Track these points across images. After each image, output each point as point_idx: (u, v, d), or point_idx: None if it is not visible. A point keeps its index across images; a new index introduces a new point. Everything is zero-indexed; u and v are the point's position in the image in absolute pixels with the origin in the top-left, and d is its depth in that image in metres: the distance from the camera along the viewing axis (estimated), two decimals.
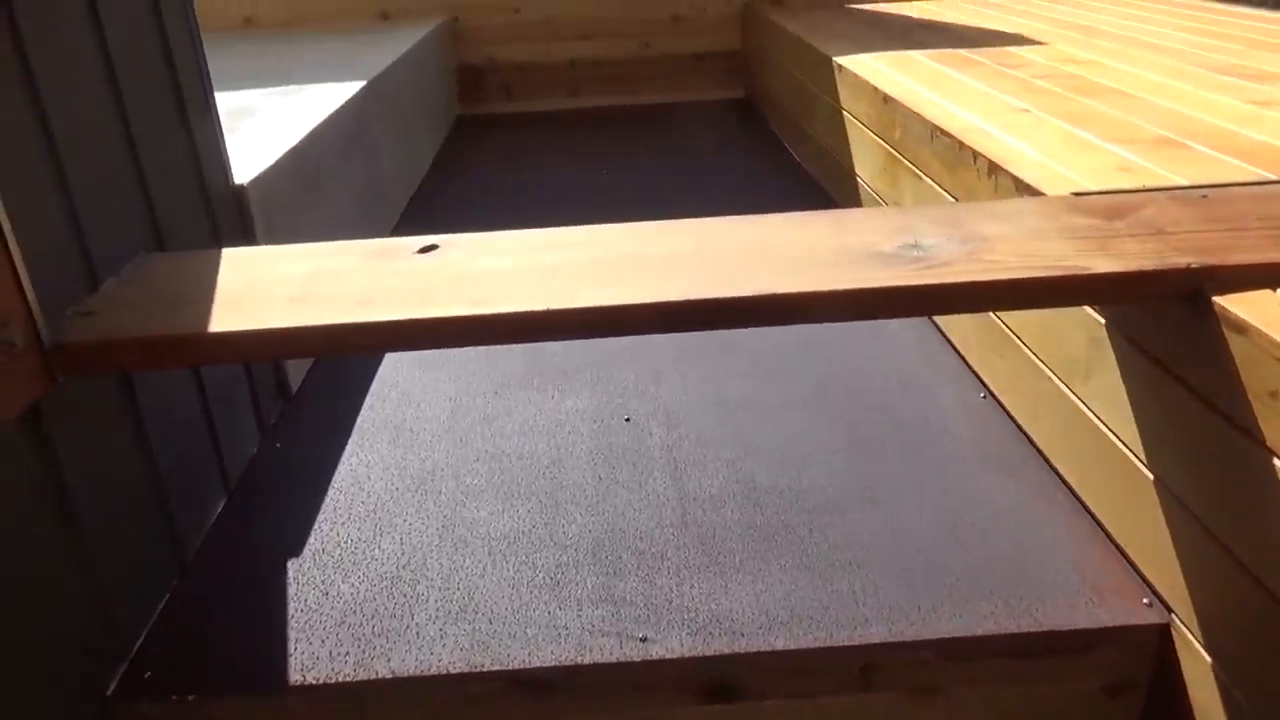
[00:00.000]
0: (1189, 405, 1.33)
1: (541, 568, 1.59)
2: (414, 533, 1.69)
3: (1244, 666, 1.26)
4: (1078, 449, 1.68)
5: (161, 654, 1.44)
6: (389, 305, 1.30)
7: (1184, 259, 1.32)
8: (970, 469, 1.80)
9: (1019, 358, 1.88)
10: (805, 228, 1.54)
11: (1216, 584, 1.30)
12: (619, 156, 4.26)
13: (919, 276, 1.32)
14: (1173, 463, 1.39)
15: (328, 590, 1.56)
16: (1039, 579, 1.51)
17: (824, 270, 1.35)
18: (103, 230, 1.45)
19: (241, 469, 1.89)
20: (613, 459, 1.88)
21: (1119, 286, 1.31)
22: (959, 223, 1.51)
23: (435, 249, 1.51)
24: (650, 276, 1.36)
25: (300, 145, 2.34)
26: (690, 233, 1.52)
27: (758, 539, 1.63)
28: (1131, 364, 1.49)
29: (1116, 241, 1.40)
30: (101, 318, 1.33)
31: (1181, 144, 1.99)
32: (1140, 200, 1.57)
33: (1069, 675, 1.44)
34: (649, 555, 1.61)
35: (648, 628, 1.45)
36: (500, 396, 2.15)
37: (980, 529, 1.63)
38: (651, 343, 2.35)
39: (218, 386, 1.79)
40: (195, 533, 1.68)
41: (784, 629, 1.43)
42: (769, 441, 1.91)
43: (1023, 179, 1.82)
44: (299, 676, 1.39)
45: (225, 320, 1.29)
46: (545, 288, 1.33)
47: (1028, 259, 1.35)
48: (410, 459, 1.92)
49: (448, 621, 1.48)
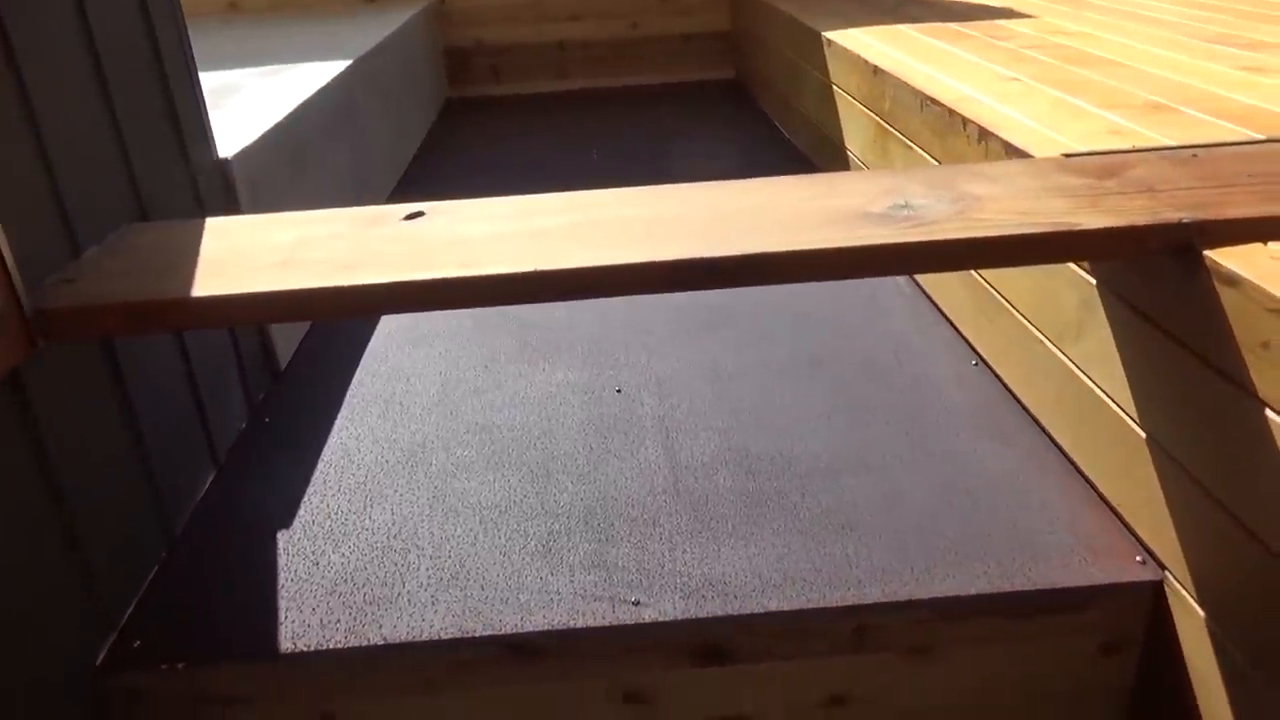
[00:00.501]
0: (1181, 361, 1.33)
1: (533, 535, 1.58)
2: (404, 503, 1.68)
3: (1238, 620, 1.26)
4: (1070, 412, 1.68)
5: (150, 624, 1.43)
6: (376, 269, 1.29)
7: (1175, 214, 1.31)
8: (962, 435, 1.80)
9: (1011, 323, 1.88)
10: (795, 190, 1.53)
11: (1210, 539, 1.30)
12: (608, 138, 4.24)
13: (908, 235, 1.31)
14: (1165, 420, 1.39)
15: (318, 560, 1.55)
16: (1032, 540, 1.51)
17: (814, 230, 1.34)
18: (84, 200, 1.43)
19: (230, 443, 1.88)
20: (604, 429, 1.87)
21: (1110, 242, 1.30)
22: (949, 183, 1.50)
23: (422, 215, 1.49)
24: (640, 238, 1.34)
25: (285, 121, 2.32)
26: (679, 197, 1.51)
27: (750, 505, 1.63)
28: (1123, 323, 1.49)
29: (1108, 199, 1.39)
30: (83, 285, 1.31)
31: (1172, 109, 1.98)
32: (1131, 160, 1.57)
33: (1063, 634, 1.44)
34: (641, 522, 1.60)
35: (640, 592, 1.44)
36: (490, 370, 2.13)
37: (973, 493, 1.63)
38: (643, 316, 2.34)
39: (204, 362, 1.77)
40: (183, 505, 1.67)
41: (777, 591, 1.43)
42: (761, 410, 1.91)
43: (1013, 143, 1.81)
44: (290, 645, 1.38)
45: (210, 285, 1.27)
46: (534, 250, 1.32)
47: (1018, 217, 1.34)
48: (400, 431, 1.91)
49: (439, 589, 1.47)
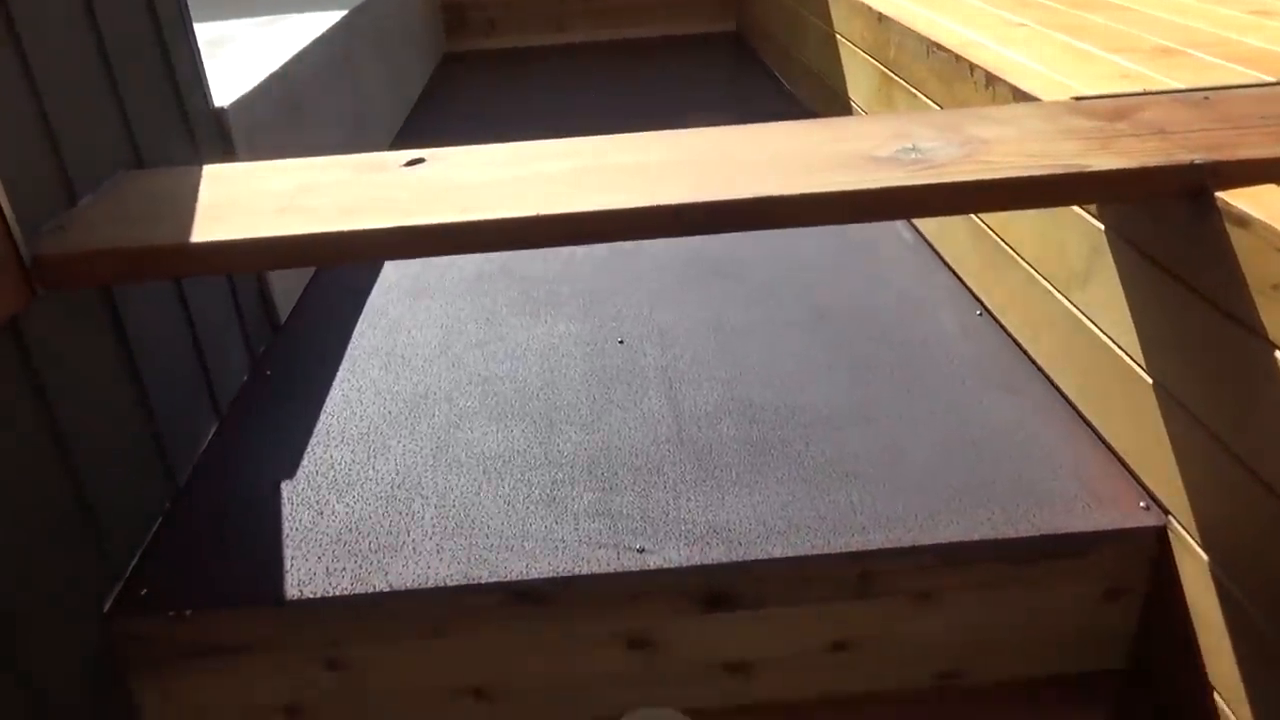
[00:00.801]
0: (1190, 305, 1.32)
1: (537, 484, 1.58)
2: (408, 454, 1.68)
3: (1242, 563, 1.26)
4: (1077, 360, 1.67)
5: (157, 572, 1.43)
6: (377, 214, 1.27)
7: (1188, 155, 1.29)
8: (967, 385, 1.79)
9: (1018, 273, 1.86)
10: (799, 135, 1.51)
11: (1215, 483, 1.30)
12: (607, 91, 4.18)
13: (916, 177, 1.29)
14: (1172, 365, 1.38)
15: (322, 510, 1.55)
16: (1036, 487, 1.51)
17: (819, 174, 1.32)
18: (79, 147, 1.41)
19: (231, 395, 1.87)
20: (607, 379, 1.87)
21: (1122, 184, 1.29)
22: (957, 127, 1.47)
23: (422, 162, 1.47)
24: (644, 182, 1.32)
25: (281, 71, 2.28)
26: (682, 142, 1.49)
27: (754, 454, 1.63)
28: (1131, 268, 1.47)
29: (1119, 141, 1.37)
30: (80, 232, 1.30)
31: (1182, 52, 1.95)
32: (1142, 102, 1.54)
33: (1067, 579, 1.45)
34: (645, 471, 1.60)
35: (645, 539, 1.45)
36: (491, 323, 2.12)
37: (977, 442, 1.63)
38: (643, 269, 2.32)
39: (204, 314, 1.76)
40: (186, 457, 1.66)
41: (781, 538, 1.43)
42: (765, 362, 1.90)
43: (1021, 88, 1.78)
44: (296, 591, 1.38)
45: (209, 231, 1.25)
46: (536, 194, 1.30)
47: (1028, 159, 1.32)
48: (402, 383, 1.90)
49: (444, 537, 1.47)
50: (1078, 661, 1.52)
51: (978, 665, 1.51)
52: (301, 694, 1.45)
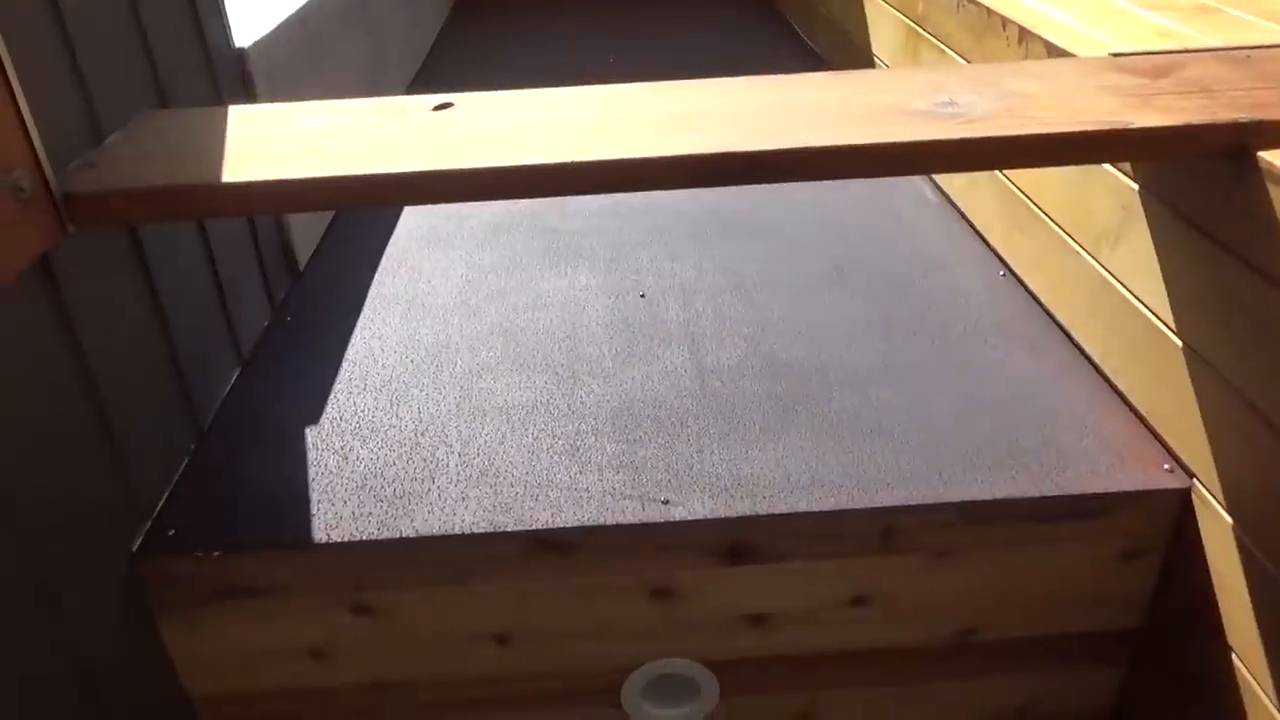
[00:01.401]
0: (1226, 266, 1.31)
1: (561, 435, 1.58)
2: (431, 403, 1.68)
3: (1270, 529, 1.27)
4: (1103, 321, 1.66)
5: (184, 513, 1.44)
6: (406, 158, 1.25)
7: (1232, 114, 1.27)
8: (991, 344, 1.78)
9: (1044, 232, 1.85)
10: (835, 86, 1.48)
11: (1244, 446, 1.30)
12: (625, 42, 4.12)
13: (957, 130, 1.27)
14: (1204, 327, 1.37)
15: (347, 455, 1.56)
16: (1059, 447, 1.51)
17: (858, 125, 1.30)
18: (106, 83, 1.39)
19: (253, 341, 1.87)
20: (629, 332, 1.86)
21: (1165, 142, 1.27)
22: (995, 81, 1.45)
23: (450, 106, 1.45)
24: (678, 132, 1.31)
25: (301, 12, 2.24)
26: (717, 91, 1.46)
27: (778, 409, 1.63)
28: (1166, 228, 1.46)
29: (1161, 98, 1.35)
30: (108, 170, 1.28)
31: (1219, 10, 1.91)
32: (1183, 60, 1.51)
33: (1086, 539, 1.45)
34: (668, 423, 1.60)
35: (669, 491, 1.45)
36: (511, 273, 2.11)
37: (1001, 401, 1.63)
38: (666, 225, 2.30)
39: (226, 257, 1.75)
40: (210, 400, 1.67)
41: (805, 493, 1.44)
42: (788, 318, 1.89)
43: (1055, 44, 1.75)
44: (324, 535, 1.39)
45: (240, 171, 1.24)
46: (568, 142, 1.28)
47: (1069, 114, 1.30)
48: (423, 332, 1.90)
49: (469, 485, 1.48)
50: (1095, 620, 1.54)
51: (996, 622, 1.53)
52: (326, 636, 1.47)
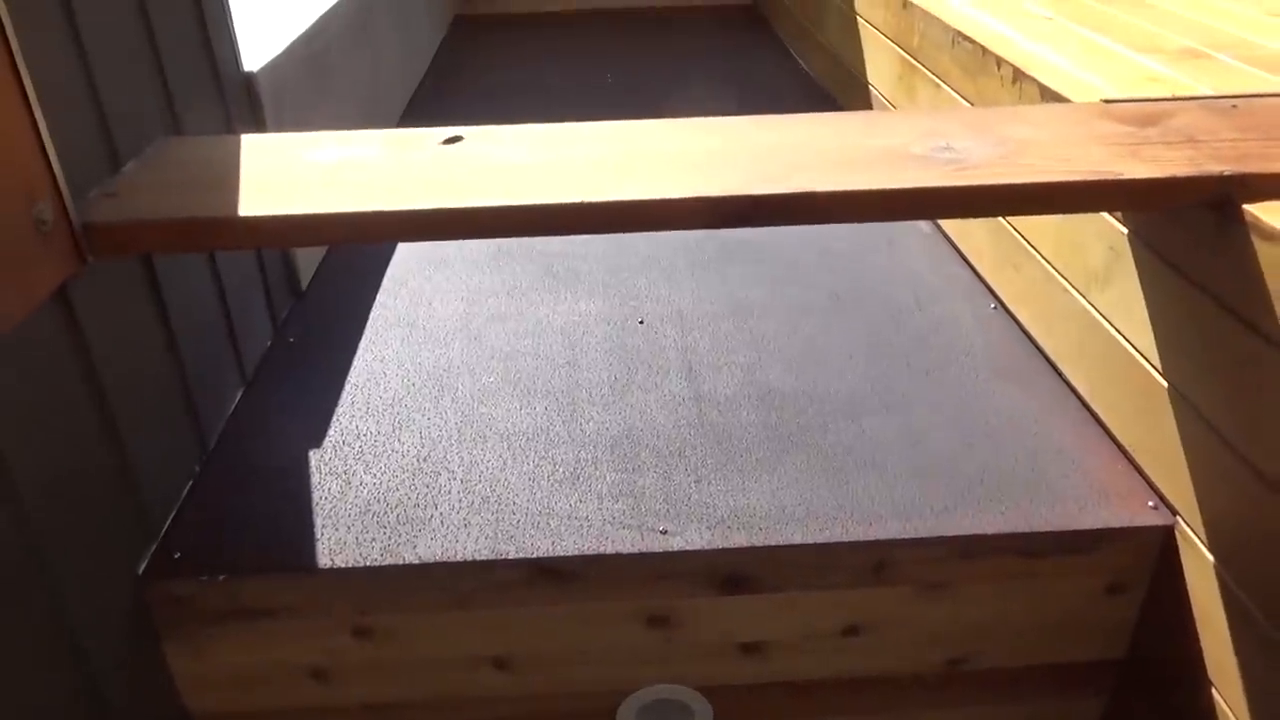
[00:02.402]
0: (1210, 313, 1.35)
1: (561, 463, 1.61)
2: (433, 427, 1.71)
3: (1249, 567, 1.31)
4: (1091, 359, 1.70)
5: (189, 536, 1.47)
6: (419, 194, 1.29)
7: (1217, 166, 1.32)
8: (982, 378, 1.83)
9: (1035, 269, 1.89)
10: (834, 128, 1.52)
11: (1226, 487, 1.34)
12: (622, 62, 4.17)
13: (954, 178, 1.31)
14: (1188, 369, 1.42)
15: (350, 480, 1.59)
16: (1048, 483, 1.55)
17: (859, 170, 1.35)
18: (123, 111, 1.42)
19: (256, 362, 1.89)
20: (628, 360, 1.90)
21: (1152, 192, 1.31)
22: (990, 126, 1.49)
23: (460, 140, 1.48)
24: (685, 172, 1.34)
25: (308, 33, 2.27)
26: (719, 130, 1.50)
27: (774, 439, 1.66)
28: (1152, 273, 1.50)
29: (1149, 148, 1.40)
30: (127, 200, 1.31)
31: (1208, 55, 1.97)
32: (1171, 109, 1.56)
33: (1072, 573, 1.49)
34: (667, 453, 1.63)
35: (667, 521, 1.48)
36: (512, 297, 2.14)
37: (992, 435, 1.67)
38: (664, 250, 2.34)
39: (232, 277, 1.78)
40: (215, 421, 1.69)
41: (800, 525, 1.47)
42: (784, 347, 1.93)
43: (1049, 86, 1.80)
44: (328, 560, 1.42)
45: (254, 205, 1.27)
46: (577, 180, 1.32)
47: (1061, 163, 1.35)
48: (424, 356, 1.92)
49: (471, 512, 1.51)
50: (1080, 651, 1.58)
51: (985, 652, 1.57)
52: (328, 660, 1.49)
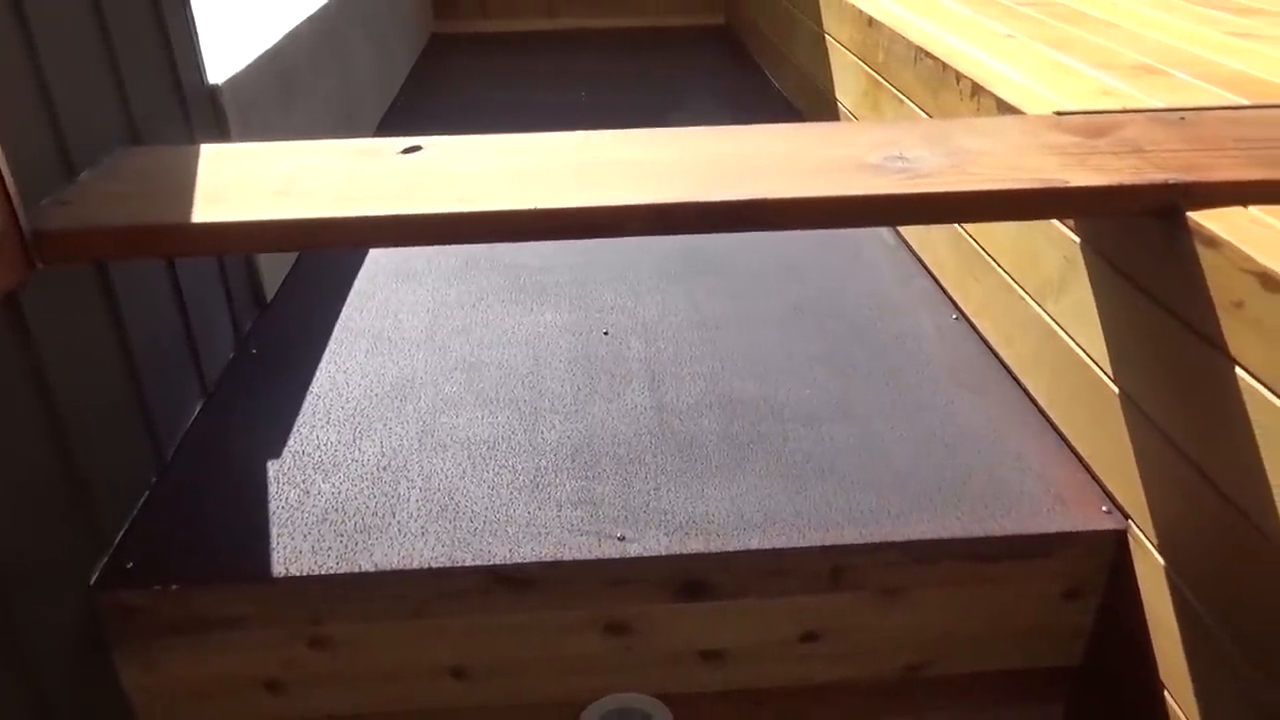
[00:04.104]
0: (1158, 319, 1.37)
1: (521, 471, 1.61)
2: (393, 436, 1.71)
3: (1197, 568, 1.32)
4: (1047, 367, 1.72)
5: (143, 546, 1.45)
6: (375, 201, 1.29)
7: (1162, 175, 1.34)
8: (942, 387, 1.84)
9: (994, 280, 1.92)
10: (791, 138, 1.54)
11: (1174, 490, 1.36)
12: (597, 79, 4.20)
13: (904, 185, 1.33)
14: (1139, 376, 1.44)
15: (308, 489, 1.58)
16: (1004, 489, 1.56)
17: (812, 177, 1.36)
18: (79, 120, 1.42)
19: (218, 373, 1.88)
20: (591, 370, 1.90)
21: (1098, 200, 1.33)
22: (943, 137, 1.51)
23: (419, 149, 1.49)
24: (639, 180, 1.36)
25: (275, 48, 2.28)
26: (677, 140, 1.52)
27: (734, 447, 1.67)
28: (1104, 281, 1.52)
29: (1097, 158, 1.42)
30: (80, 207, 1.31)
31: (1162, 71, 2.00)
32: (1121, 120, 1.59)
33: (1029, 578, 1.50)
34: (627, 461, 1.64)
35: (625, 527, 1.48)
36: (478, 309, 2.15)
37: (949, 443, 1.68)
38: (631, 263, 2.35)
39: (193, 289, 1.77)
40: (173, 432, 1.68)
41: (758, 531, 1.48)
42: (746, 357, 1.94)
43: (1005, 100, 1.83)
44: (282, 568, 1.41)
45: (209, 211, 1.27)
46: (533, 188, 1.33)
47: (1010, 172, 1.37)
48: (388, 366, 1.92)
49: (429, 519, 1.50)
50: (1036, 657, 1.58)
51: (942, 658, 1.57)
52: (283, 670, 1.48)
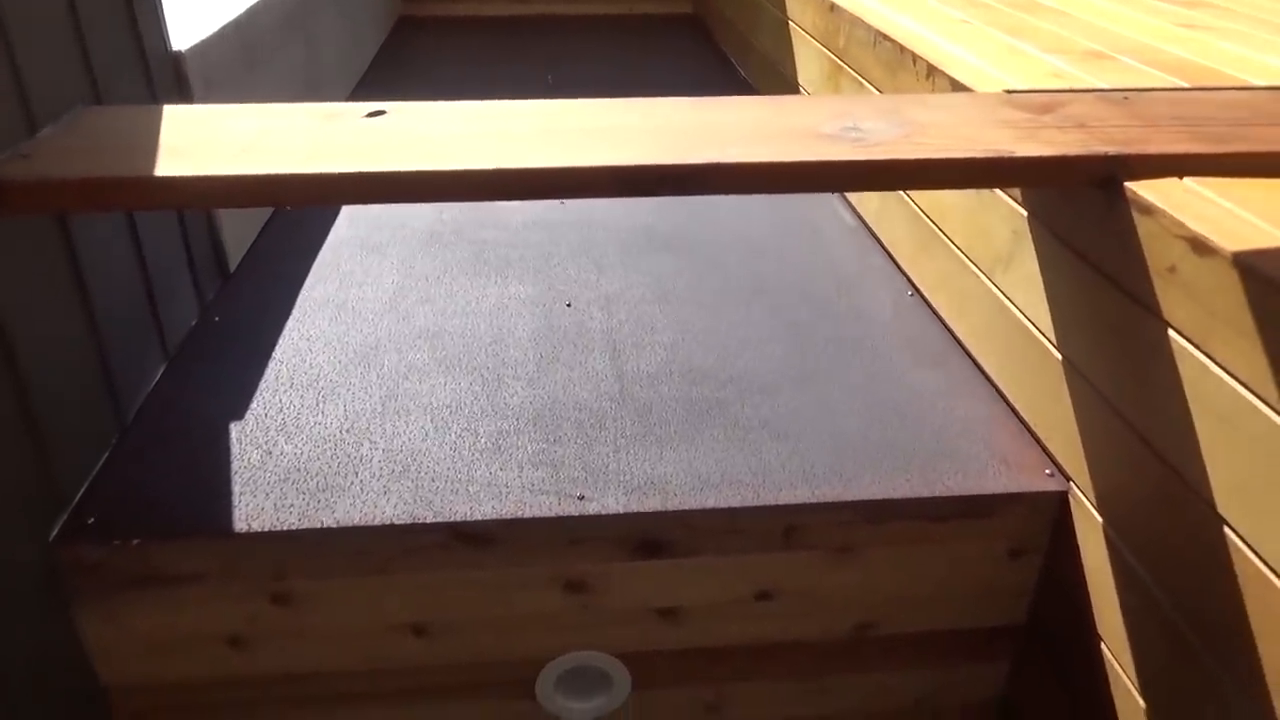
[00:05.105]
0: (1098, 287, 1.43)
1: (483, 434, 1.64)
2: (356, 401, 1.72)
3: (1133, 525, 1.38)
4: (996, 338, 1.78)
5: (103, 502, 1.46)
6: (338, 159, 1.31)
7: (1103, 148, 1.40)
8: (896, 359, 1.89)
9: (947, 256, 1.97)
10: (750, 109, 1.58)
11: (1112, 451, 1.41)
12: (563, 64, 4.21)
13: (858, 153, 1.37)
14: (1080, 342, 1.49)
15: (270, 450, 1.59)
16: (953, 453, 1.61)
17: (768, 144, 1.40)
18: (40, 79, 1.42)
19: (180, 338, 1.89)
20: (554, 339, 1.93)
21: (1042, 170, 1.39)
22: (897, 110, 1.56)
23: (383, 114, 1.51)
24: (601, 144, 1.38)
25: (241, 18, 2.28)
26: (639, 110, 1.55)
27: (692, 413, 1.70)
28: (1049, 253, 1.58)
29: (1043, 132, 1.47)
30: (41, 161, 1.31)
31: (1111, 57, 2.07)
32: (1067, 99, 1.65)
33: (975, 538, 1.56)
34: (588, 425, 1.67)
35: (585, 488, 1.51)
36: (442, 281, 2.16)
37: (902, 411, 1.73)
38: (594, 241, 2.38)
39: (156, 254, 1.77)
40: (134, 393, 1.68)
41: (714, 491, 1.51)
42: (707, 329, 1.98)
43: (959, 80, 1.88)
44: (244, 525, 1.42)
45: (171, 167, 1.28)
46: (495, 150, 1.35)
47: (960, 142, 1.42)
48: (352, 334, 1.93)
49: (391, 479, 1.52)
50: (982, 617, 1.64)
51: (891, 618, 1.62)
52: (246, 626, 1.49)
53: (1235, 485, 1.17)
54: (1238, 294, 1.15)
